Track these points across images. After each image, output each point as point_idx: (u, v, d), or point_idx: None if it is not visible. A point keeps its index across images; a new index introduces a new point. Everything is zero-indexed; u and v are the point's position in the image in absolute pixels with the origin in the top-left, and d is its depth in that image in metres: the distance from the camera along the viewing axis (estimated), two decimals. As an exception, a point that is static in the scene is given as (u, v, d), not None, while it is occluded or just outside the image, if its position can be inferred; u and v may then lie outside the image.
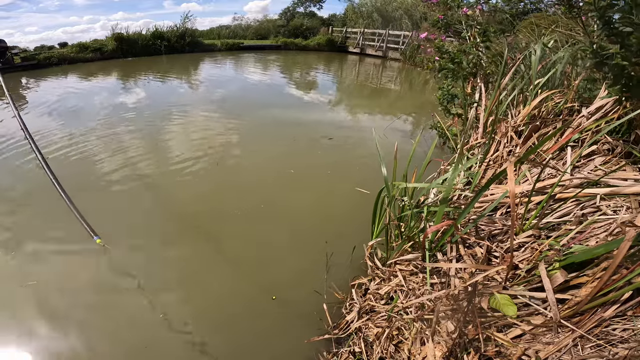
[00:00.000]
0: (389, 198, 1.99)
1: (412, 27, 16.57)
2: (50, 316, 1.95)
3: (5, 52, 11.09)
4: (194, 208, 3.08)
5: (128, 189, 3.41)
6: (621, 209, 1.52)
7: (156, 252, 2.51)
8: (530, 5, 4.61)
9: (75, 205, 2.48)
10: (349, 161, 4.15)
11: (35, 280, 2.19)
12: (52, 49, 13.80)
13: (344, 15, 21.51)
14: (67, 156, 4.15)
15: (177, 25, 16.84)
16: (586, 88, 2.61)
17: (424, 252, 1.76)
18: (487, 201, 1.98)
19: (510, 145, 2.70)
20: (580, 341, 1.11)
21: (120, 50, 14.63)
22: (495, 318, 1.31)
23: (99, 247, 2.28)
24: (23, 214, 2.94)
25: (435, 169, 2.89)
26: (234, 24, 24.14)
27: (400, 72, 13.15)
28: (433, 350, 1.30)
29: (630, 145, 1.95)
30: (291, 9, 24.60)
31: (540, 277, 1.30)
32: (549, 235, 1.57)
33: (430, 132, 4.59)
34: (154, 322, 1.95)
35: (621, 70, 1.78)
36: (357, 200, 2.83)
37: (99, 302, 2.08)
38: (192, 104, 6.87)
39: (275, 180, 3.65)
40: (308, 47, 20.05)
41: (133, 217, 2.94)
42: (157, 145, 4.58)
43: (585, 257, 1.26)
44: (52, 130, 5.15)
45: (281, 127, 5.53)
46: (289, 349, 1.81)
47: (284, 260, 2.46)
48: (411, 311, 1.54)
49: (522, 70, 3.42)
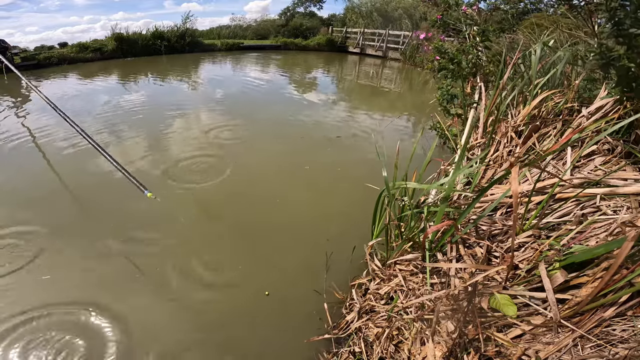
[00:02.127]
0: (389, 198, 1.99)
1: (412, 27, 16.58)
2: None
3: (5, 52, 11.10)
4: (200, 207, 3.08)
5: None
6: (621, 209, 1.52)
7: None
8: (531, 6, 4.61)
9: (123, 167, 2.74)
10: (351, 160, 4.15)
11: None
12: (52, 49, 13.77)
13: (343, 15, 21.51)
14: (67, 153, 4.15)
15: (177, 26, 16.83)
16: (586, 88, 2.61)
17: (424, 252, 1.76)
18: (487, 201, 1.98)
19: (510, 145, 2.70)
20: (580, 341, 1.11)
21: (120, 50, 14.61)
22: (495, 318, 1.31)
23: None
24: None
25: (435, 169, 2.89)
26: (233, 24, 24.12)
27: (400, 72, 13.15)
28: (433, 350, 1.30)
29: (630, 145, 1.95)
30: (291, 9, 24.59)
31: (540, 277, 1.30)
32: (549, 235, 1.57)
33: (431, 132, 4.59)
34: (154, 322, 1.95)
35: (627, 71, 1.78)
36: (359, 199, 2.83)
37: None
38: (194, 104, 6.87)
39: (277, 177, 3.66)
40: (308, 47, 20.04)
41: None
42: (159, 144, 4.58)
43: (585, 257, 1.26)
44: (53, 130, 5.15)
45: (285, 127, 5.56)
46: (289, 349, 1.81)
47: (284, 259, 2.46)
48: (411, 311, 1.54)
49: (522, 70, 3.42)
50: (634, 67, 1.74)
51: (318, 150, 4.51)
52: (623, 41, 1.75)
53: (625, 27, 1.68)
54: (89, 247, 2.53)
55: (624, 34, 1.72)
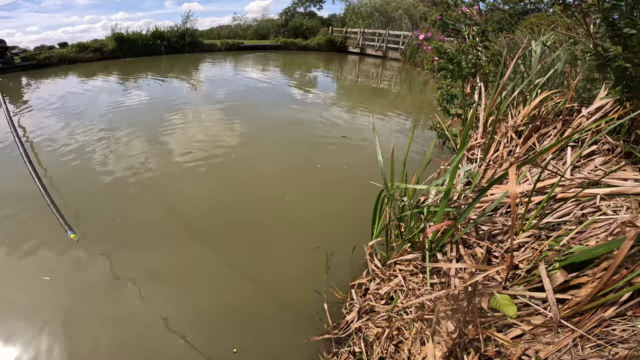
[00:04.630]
0: (389, 198, 1.99)
1: (412, 27, 16.58)
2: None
3: (5, 52, 11.09)
4: (199, 207, 3.08)
5: (137, 187, 3.42)
6: (621, 209, 1.52)
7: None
8: (530, 6, 4.60)
9: (52, 200, 2.49)
10: (353, 160, 4.16)
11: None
12: (52, 49, 13.78)
13: (343, 15, 21.51)
14: (67, 154, 4.15)
15: (177, 26, 16.85)
16: (586, 88, 2.61)
17: (424, 252, 1.76)
18: (487, 201, 1.98)
19: (510, 145, 2.70)
20: (580, 341, 1.11)
21: (120, 50, 14.62)
22: (495, 318, 1.31)
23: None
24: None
25: (435, 169, 2.89)
26: (233, 23, 24.13)
27: (400, 72, 13.15)
28: (433, 350, 1.30)
29: (630, 145, 1.95)
30: (291, 8, 24.60)
31: (540, 277, 1.30)
32: (549, 235, 1.57)
33: (431, 133, 4.59)
34: (154, 322, 1.95)
35: (623, 71, 1.78)
36: (361, 198, 2.83)
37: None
38: (196, 104, 6.87)
39: (280, 176, 3.66)
40: (308, 47, 20.04)
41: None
42: (162, 146, 4.58)
43: (585, 257, 1.26)
44: (54, 129, 5.16)
45: (288, 126, 5.58)
46: (289, 349, 1.81)
47: (284, 259, 2.46)
48: (411, 311, 1.54)
49: (522, 70, 3.42)
50: (631, 67, 1.73)
51: (321, 150, 4.51)
52: (618, 41, 1.75)
53: (619, 27, 1.68)
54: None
55: (618, 34, 1.71)
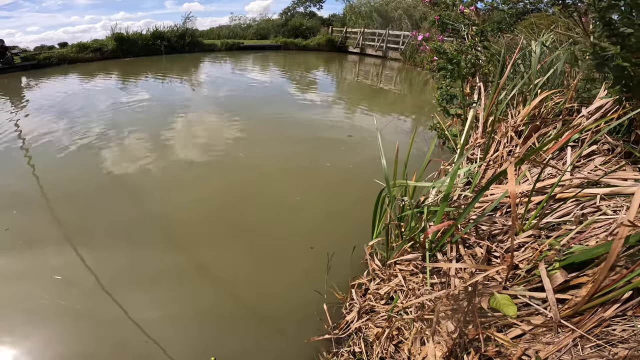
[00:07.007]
0: (390, 198, 1.99)
1: (412, 27, 16.58)
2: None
3: (5, 52, 11.08)
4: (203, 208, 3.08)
5: (137, 187, 3.42)
6: (621, 209, 1.51)
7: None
8: (530, 6, 4.60)
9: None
10: (354, 160, 4.16)
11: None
12: (52, 49, 13.78)
13: (343, 15, 21.51)
14: (67, 154, 4.15)
15: (177, 26, 16.85)
16: (585, 88, 2.61)
17: (424, 252, 1.76)
18: (487, 201, 1.98)
19: (510, 145, 2.70)
20: (580, 341, 1.11)
21: (120, 50, 14.63)
22: (495, 318, 1.31)
23: None
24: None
25: (435, 169, 2.89)
26: (232, 23, 24.12)
27: (400, 72, 13.15)
28: (433, 350, 1.30)
29: (630, 145, 1.95)
30: (291, 8, 24.60)
31: (540, 277, 1.30)
32: (549, 235, 1.56)
33: (431, 132, 4.59)
34: (154, 322, 1.95)
35: (622, 71, 1.77)
36: (363, 199, 2.83)
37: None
38: (198, 104, 6.88)
39: (281, 176, 3.66)
40: (308, 47, 20.04)
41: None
42: (162, 146, 4.58)
43: (585, 257, 1.26)
44: (53, 129, 5.16)
45: (289, 126, 5.58)
46: (289, 349, 1.81)
47: (284, 259, 2.46)
48: (411, 311, 1.54)
49: (522, 70, 3.42)
50: (629, 66, 1.73)
51: (342, 146, 4.51)
52: (616, 41, 1.75)
53: (616, 27, 1.67)
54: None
55: (616, 34, 1.71)
